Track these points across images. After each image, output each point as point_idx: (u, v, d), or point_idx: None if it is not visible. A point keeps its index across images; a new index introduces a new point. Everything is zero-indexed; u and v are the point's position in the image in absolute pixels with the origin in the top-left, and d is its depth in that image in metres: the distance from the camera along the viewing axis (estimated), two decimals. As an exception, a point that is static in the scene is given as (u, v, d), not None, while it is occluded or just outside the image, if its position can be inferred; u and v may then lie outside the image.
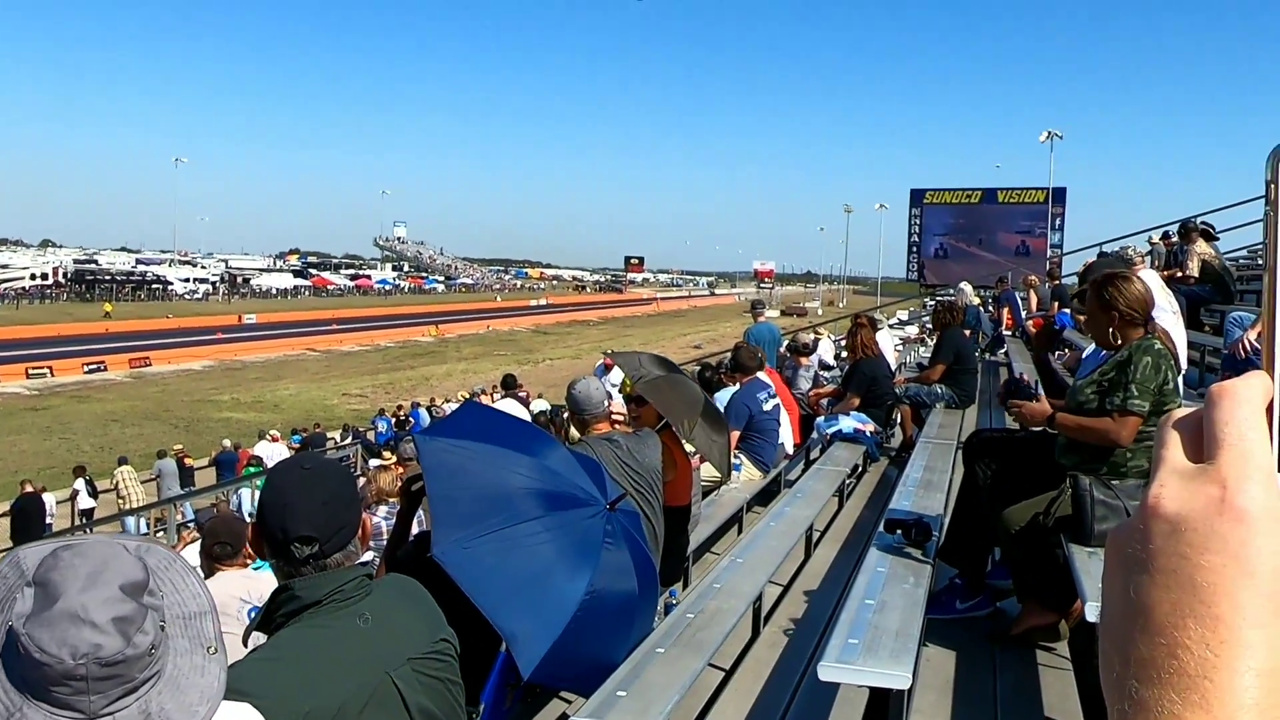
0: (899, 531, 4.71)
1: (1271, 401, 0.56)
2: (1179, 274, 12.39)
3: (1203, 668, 0.50)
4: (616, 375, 13.57)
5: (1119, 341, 4.26)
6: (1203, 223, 14.41)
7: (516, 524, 3.60)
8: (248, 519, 14.08)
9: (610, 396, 5.53)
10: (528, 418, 5.42)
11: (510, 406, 5.52)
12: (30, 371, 48.58)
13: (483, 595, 3.34)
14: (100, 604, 1.41)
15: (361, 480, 9.81)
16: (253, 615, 3.60)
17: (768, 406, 8.52)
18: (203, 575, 1.80)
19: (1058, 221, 58.56)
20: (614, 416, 5.52)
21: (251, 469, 22.64)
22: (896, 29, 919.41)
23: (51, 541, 1.55)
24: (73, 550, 1.48)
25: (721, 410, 9.01)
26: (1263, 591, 0.50)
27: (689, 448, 5.99)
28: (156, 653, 1.46)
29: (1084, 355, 5.38)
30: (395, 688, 2.23)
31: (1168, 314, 7.48)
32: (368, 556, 2.87)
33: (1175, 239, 14.88)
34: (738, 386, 9.15)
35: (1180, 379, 4.40)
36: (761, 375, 9.25)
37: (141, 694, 1.45)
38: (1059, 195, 59.17)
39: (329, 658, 2.19)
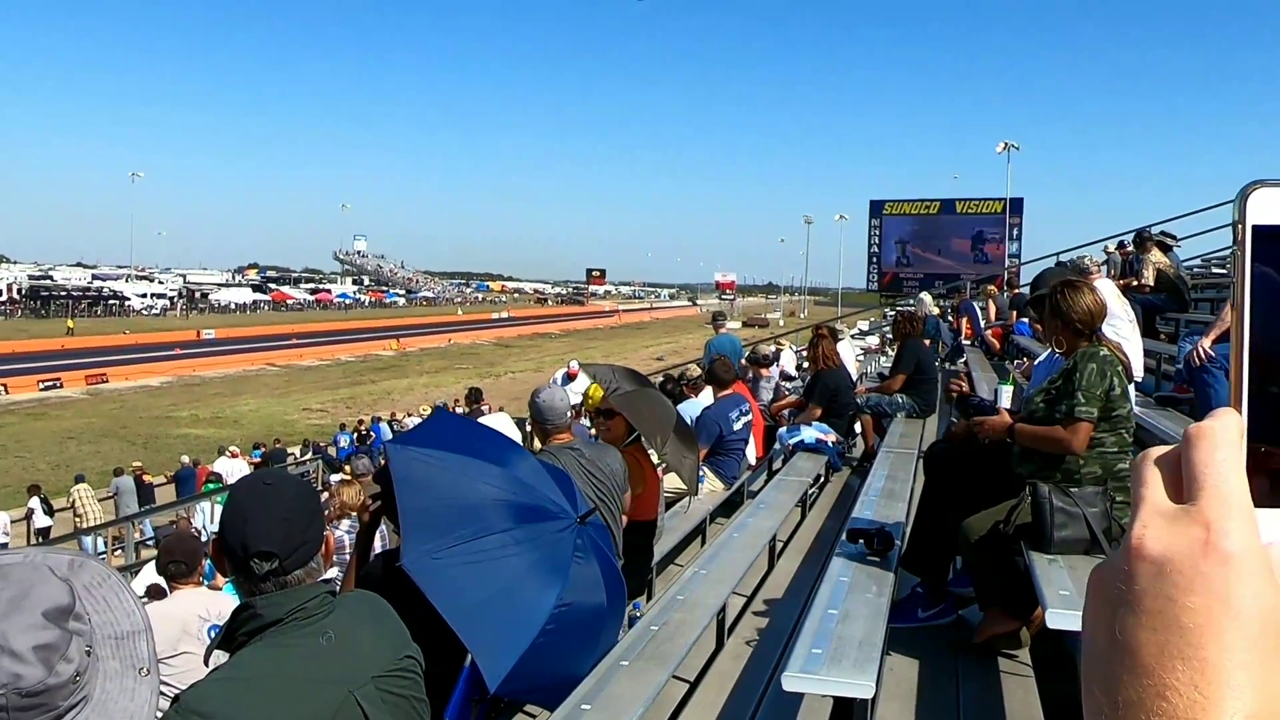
0: (861, 541, 4.73)
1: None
2: (1134, 283, 12.53)
3: (1191, 709, 0.50)
4: (580, 384, 13.55)
5: (1064, 349, 4.32)
6: (1161, 232, 14.61)
7: (486, 535, 3.60)
8: (207, 536, 13.91)
9: (574, 408, 5.54)
10: (518, 435, 5.39)
11: (502, 423, 5.49)
12: (-16, 389, 47.97)
13: (450, 607, 3.34)
14: (21, 631, 1.37)
15: (324, 495, 9.75)
16: (214, 633, 3.57)
17: (738, 425, 8.53)
18: (155, 593, 1.75)
19: (1015, 231, 59.17)
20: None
21: (211, 485, 22.43)
22: (854, 42, 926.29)
23: None
24: None
25: (690, 424, 9.05)
26: (1247, 634, 0.50)
27: (655, 459, 6.00)
28: (82, 679, 1.42)
29: (1036, 363, 5.43)
30: (359, 707, 2.21)
31: (1124, 322, 7.56)
32: (331, 573, 2.85)
33: (1131, 248, 15.05)
34: (706, 400, 9.17)
35: (1130, 386, 4.44)
36: (739, 391, 9.28)
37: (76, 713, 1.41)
38: (1016, 205, 59.80)
39: (291, 677, 2.16)
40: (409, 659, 2.44)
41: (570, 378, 18.93)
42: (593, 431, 7.62)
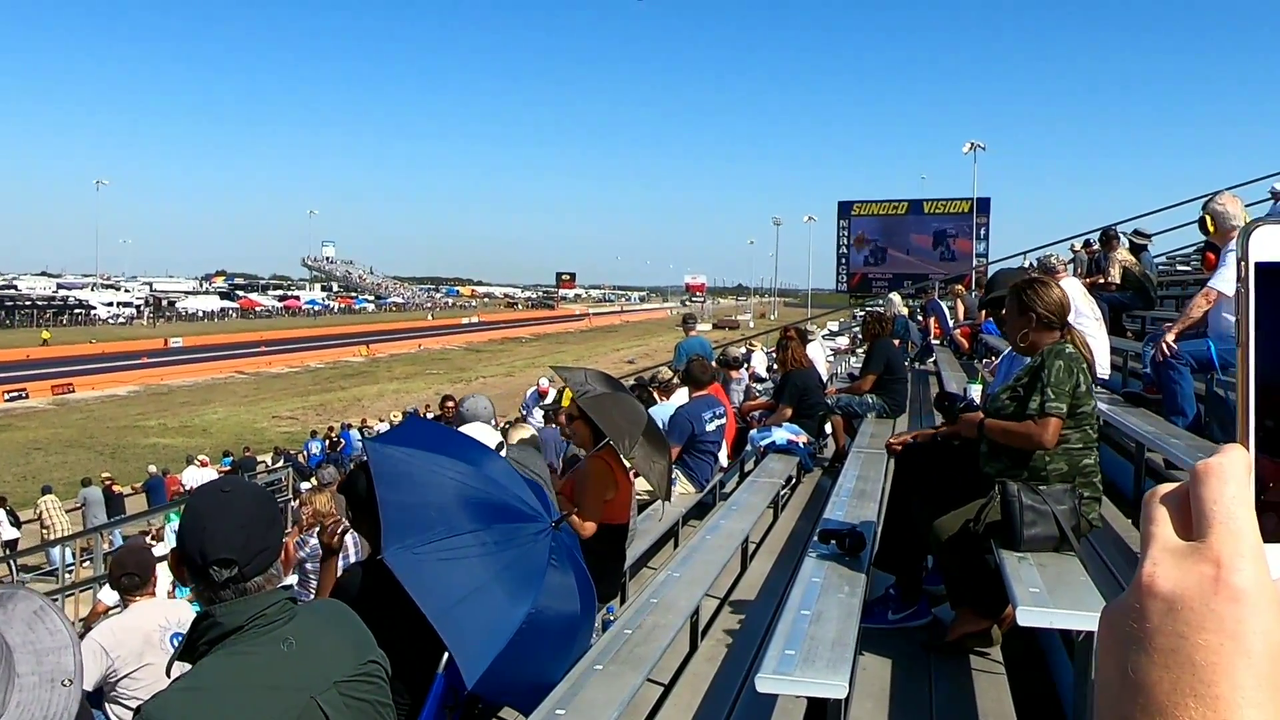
0: (833, 541, 4.75)
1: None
2: (1101, 280, 12.62)
3: None
4: (548, 399, 13.54)
5: (1027, 344, 4.35)
6: (1134, 230, 14.75)
7: (464, 533, 3.63)
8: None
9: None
10: (495, 440, 5.42)
11: (480, 430, 5.49)
12: (-52, 401, 47.46)
13: (429, 603, 3.38)
14: None
15: (296, 503, 9.71)
16: (176, 641, 3.54)
17: (711, 427, 8.52)
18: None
19: (982, 231, 59.45)
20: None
21: (180, 498, 22.28)
22: (821, 45, 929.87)
23: None
24: None
25: (662, 426, 9.03)
26: (1258, 671, 0.51)
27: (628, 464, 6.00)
28: (4, 700, 1.44)
29: (999, 360, 5.46)
30: (321, 711, 2.21)
31: (1090, 320, 7.63)
32: (291, 579, 2.85)
33: (1096, 246, 15.17)
34: (679, 402, 9.17)
35: (1092, 382, 4.48)
36: (713, 393, 9.28)
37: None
38: (983, 205, 60.09)
39: (251, 684, 2.16)
40: (372, 663, 2.44)
41: (541, 396, 18.93)
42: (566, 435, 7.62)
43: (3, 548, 21.10)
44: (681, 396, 9.83)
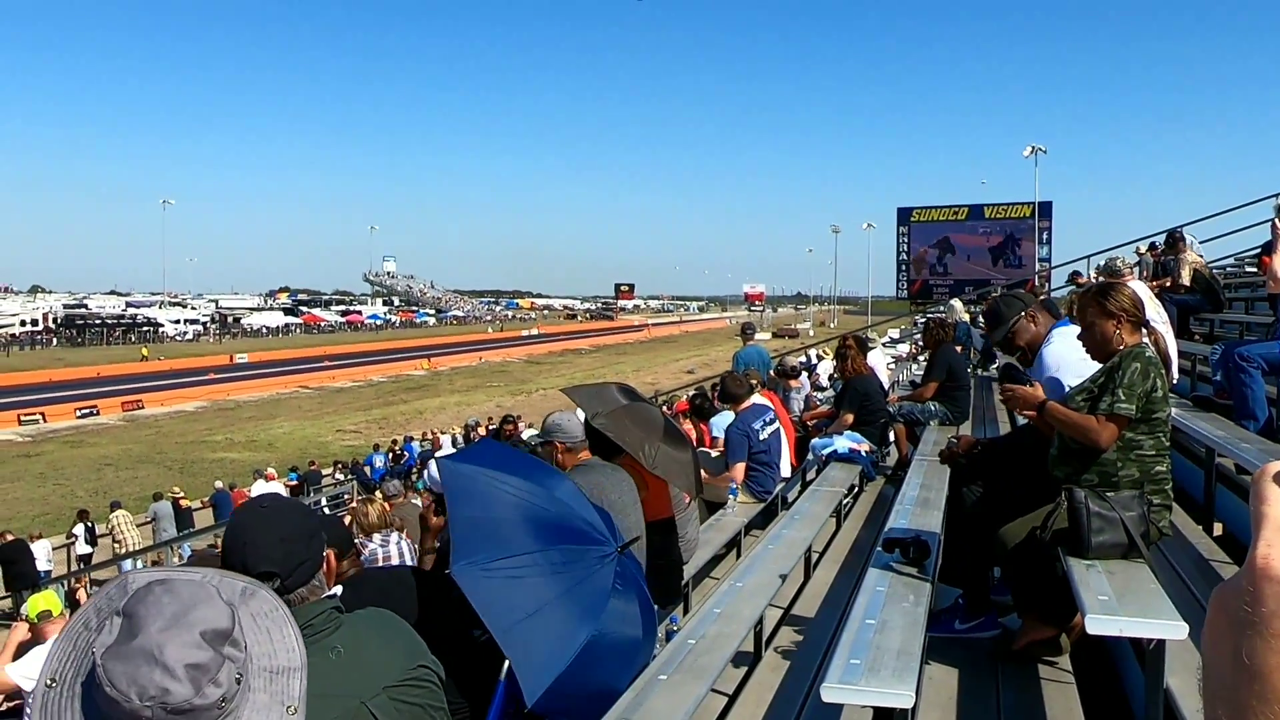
0: (897, 550, 4.71)
1: None
2: (1169, 283, 12.45)
3: None
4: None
5: (1119, 346, 4.26)
6: (1190, 235, 14.53)
7: (531, 552, 3.68)
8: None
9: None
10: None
11: None
12: (23, 418, 48.48)
13: (494, 619, 3.43)
14: (178, 647, 1.39)
15: (346, 517, 9.82)
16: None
17: (765, 435, 8.51)
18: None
19: (1044, 235, 58.84)
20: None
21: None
22: (880, 50, 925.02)
23: (158, 572, 1.54)
24: (165, 586, 1.46)
25: (721, 436, 9.03)
26: None
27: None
28: (227, 706, 1.43)
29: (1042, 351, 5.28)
30: (371, 715, 2.24)
31: (1159, 324, 7.52)
32: (336, 590, 2.88)
33: (1162, 249, 14.95)
34: (730, 414, 9.16)
35: (1169, 388, 4.40)
36: (759, 399, 9.26)
37: None
38: (1045, 209, 59.46)
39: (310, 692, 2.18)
40: (423, 668, 2.46)
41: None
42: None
43: (78, 561, 21.50)
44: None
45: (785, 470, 9.16)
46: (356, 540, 7.96)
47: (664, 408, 12.88)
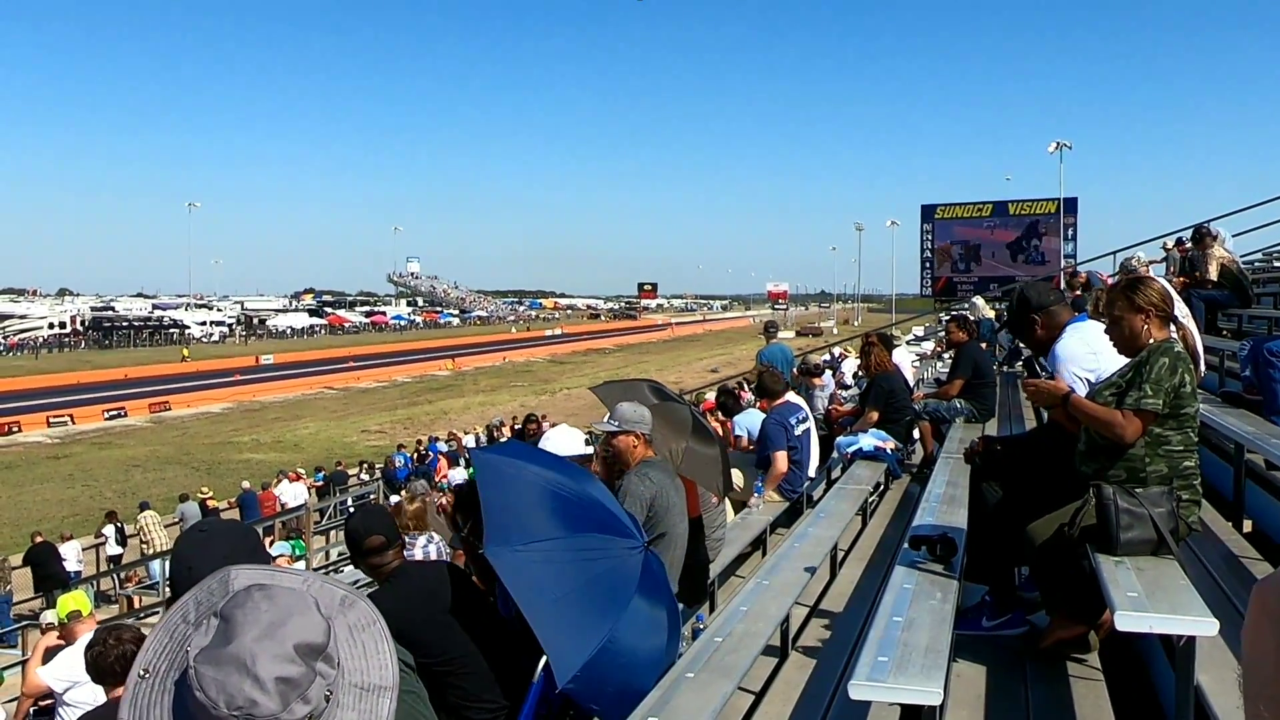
0: (924, 548, 4.69)
1: None
2: (1197, 276, 12.36)
3: None
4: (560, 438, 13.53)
5: (1148, 341, 4.23)
6: (1216, 230, 14.40)
7: (560, 538, 3.75)
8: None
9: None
10: (583, 448, 5.48)
11: (566, 436, 5.59)
12: (51, 420, 48.89)
13: (527, 600, 3.49)
14: (270, 659, 1.37)
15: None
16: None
17: (799, 430, 8.54)
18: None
19: (1070, 231, 58.46)
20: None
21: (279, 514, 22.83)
22: (902, 46, 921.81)
23: (261, 572, 1.53)
24: (265, 591, 1.45)
25: (748, 435, 9.04)
26: None
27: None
28: None
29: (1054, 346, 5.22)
30: None
31: (1183, 319, 7.46)
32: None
33: (1189, 245, 14.83)
34: (760, 410, 9.16)
35: (1197, 383, 4.37)
36: (792, 398, 9.27)
37: None
38: (1070, 205, 59.07)
39: None
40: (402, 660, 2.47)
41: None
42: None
43: (108, 562, 21.67)
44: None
45: (812, 470, 9.16)
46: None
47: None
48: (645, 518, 4.88)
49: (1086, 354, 4.66)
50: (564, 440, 5.49)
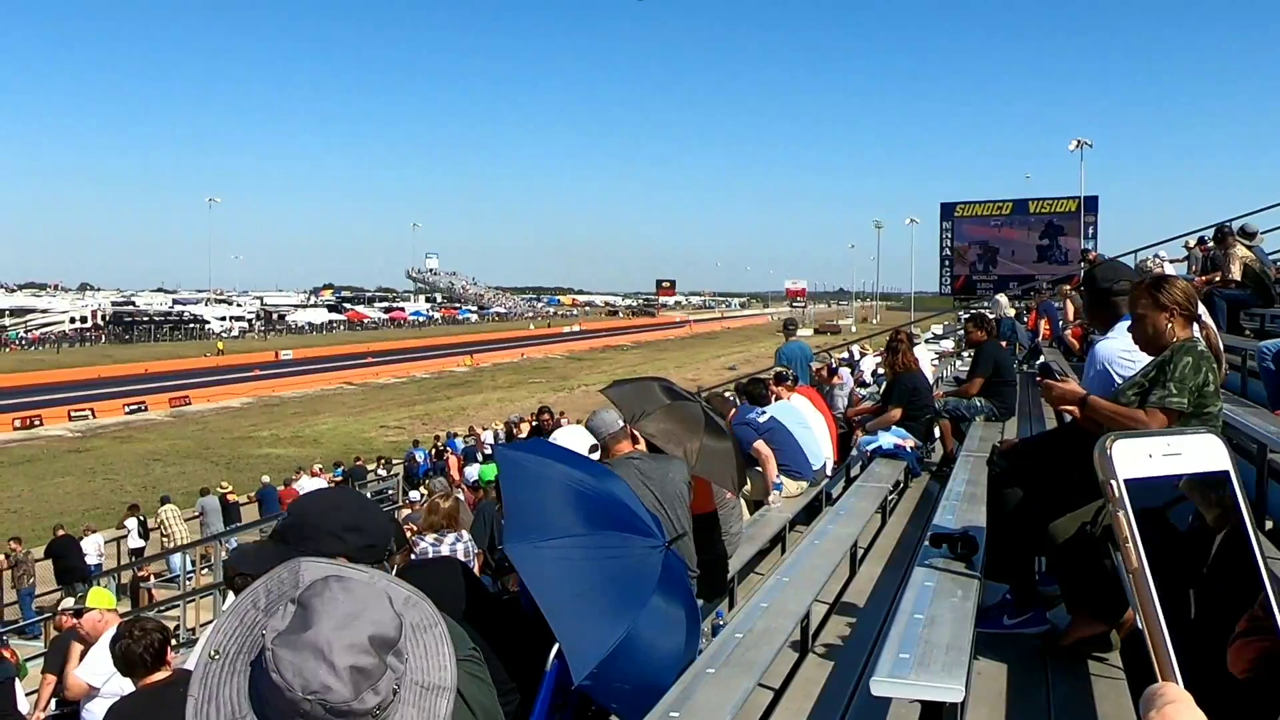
0: (945, 546, 4.69)
1: None
2: (1218, 278, 12.30)
3: None
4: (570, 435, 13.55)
5: (1172, 339, 4.22)
6: (1240, 228, 14.30)
7: (582, 535, 3.75)
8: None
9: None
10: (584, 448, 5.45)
11: (577, 434, 5.57)
12: (72, 414, 49.22)
13: (544, 595, 3.51)
14: (345, 648, 1.41)
15: (405, 511, 9.94)
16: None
17: (763, 420, 8.59)
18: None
19: (1090, 230, 58.15)
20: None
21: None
22: (922, 43, 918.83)
23: (331, 566, 1.57)
24: (342, 583, 1.49)
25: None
26: None
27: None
28: (381, 715, 1.45)
29: (1093, 350, 5.22)
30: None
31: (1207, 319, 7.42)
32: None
33: (1211, 244, 14.75)
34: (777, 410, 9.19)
35: (1220, 382, 4.35)
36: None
37: None
38: (1091, 204, 58.76)
39: None
40: (475, 649, 2.48)
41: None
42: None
43: (130, 555, 21.79)
44: (799, 400, 9.78)
45: (828, 467, 9.15)
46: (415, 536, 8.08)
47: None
48: None
49: (1123, 355, 4.63)
50: (572, 439, 5.48)
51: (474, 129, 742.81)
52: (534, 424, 25.50)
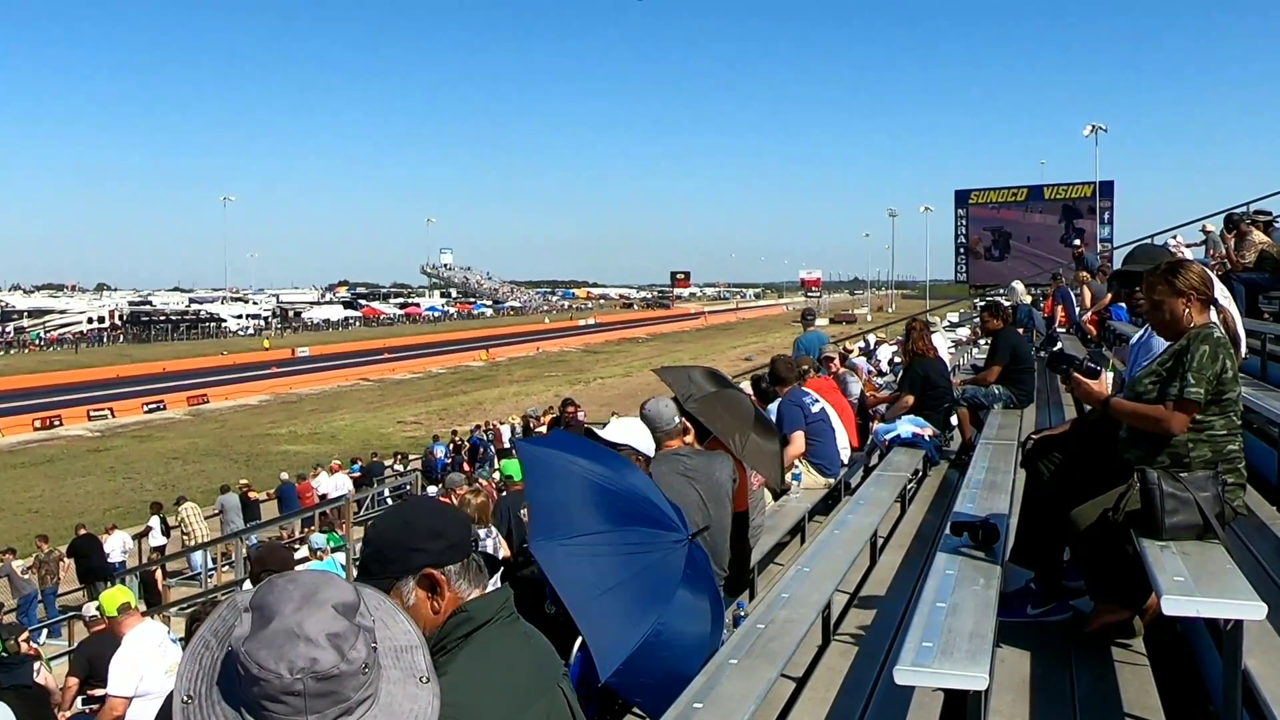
0: (966, 534, 4.69)
1: None
2: (1234, 259, 12.24)
3: None
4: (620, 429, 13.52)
5: (1177, 326, 4.21)
6: (1256, 210, 14.20)
7: (607, 532, 3.74)
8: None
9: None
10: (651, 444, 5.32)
11: (634, 428, 5.40)
12: (92, 413, 49.49)
13: (570, 592, 3.51)
14: (315, 621, 1.45)
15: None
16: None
17: (815, 409, 8.57)
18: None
19: (1106, 215, 58.00)
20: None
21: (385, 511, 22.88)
22: (933, 32, 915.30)
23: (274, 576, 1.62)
24: (286, 578, 1.54)
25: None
26: None
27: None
28: (369, 674, 1.49)
29: (1131, 343, 5.27)
30: (563, 695, 2.29)
31: (1224, 300, 7.38)
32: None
33: (1224, 230, 14.63)
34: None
35: (1238, 367, 4.33)
36: (808, 388, 9.28)
37: (357, 716, 1.48)
38: (1106, 189, 58.59)
39: (518, 670, 2.22)
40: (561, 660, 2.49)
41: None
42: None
43: (152, 553, 21.92)
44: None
45: (846, 455, 9.14)
46: None
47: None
48: None
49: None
50: (629, 433, 5.23)
51: (487, 123, 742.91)
52: (554, 417, 25.55)
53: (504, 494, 11.04)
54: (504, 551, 8.14)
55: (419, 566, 2.18)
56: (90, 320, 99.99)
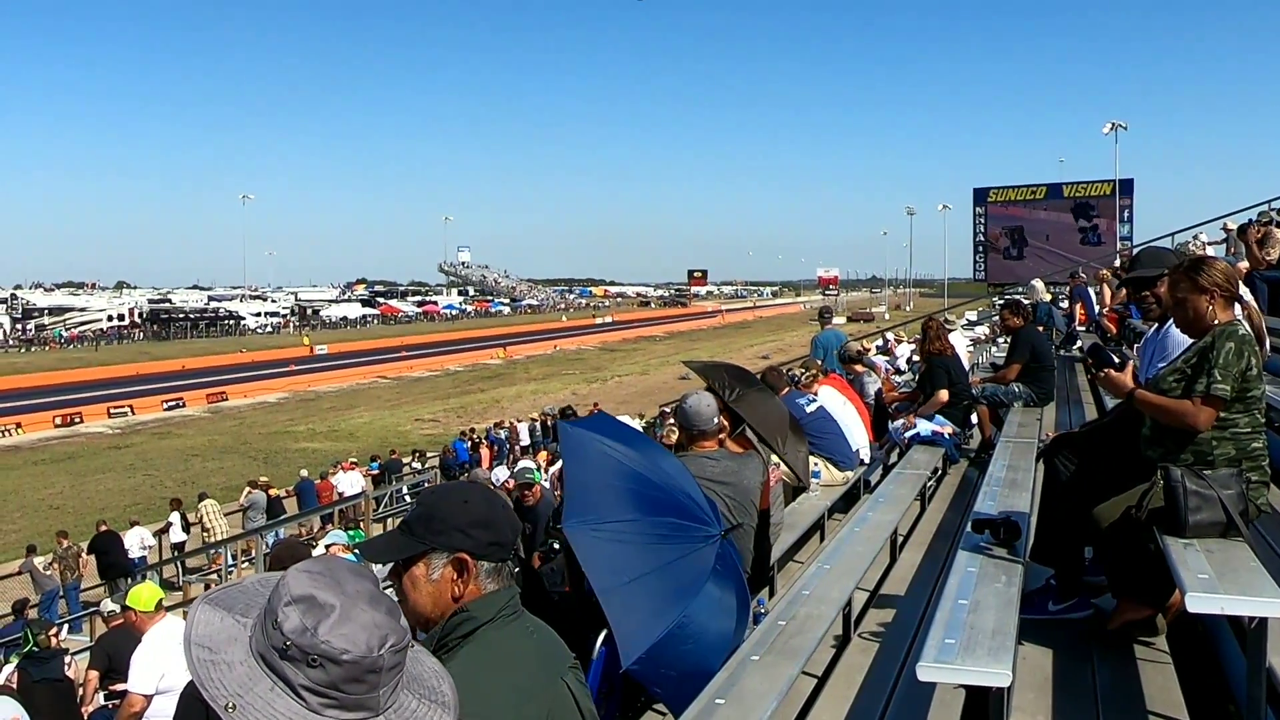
0: (987, 531, 4.68)
1: None
2: (1246, 265, 12.20)
3: None
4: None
5: (1213, 322, 4.19)
6: (1277, 210, 14.14)
7: (639, 519, 3.74)
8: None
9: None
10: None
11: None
12: (112, 411, 49.75)
13: (598, 576, 3.54)
14: (367, 602, 1.48)
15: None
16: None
17: (810, 409, 8.57)
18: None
19: (1126, 213, 57.69)
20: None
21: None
22: (954, 29, 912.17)
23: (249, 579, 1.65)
24: (304, 568, 1.54)
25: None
26: None
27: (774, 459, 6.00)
28: (401, 675, 1.54)
29: (1145, 339, 5.24)
30: (568, 689, 2.28)
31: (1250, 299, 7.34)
32: None
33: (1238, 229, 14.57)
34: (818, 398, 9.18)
35: (1263, 365, 4.31)
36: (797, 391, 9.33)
37: (402, 685, 1.52)
38: (1126, 187, 58.25)
39: (519, 665, 2.22)
40: (576, 660, 2.49)
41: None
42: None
43: (172, 550, 22.03)
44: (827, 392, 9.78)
45: (865, 454, 9.13)
46: None
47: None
48: None
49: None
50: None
51: (505, 122, 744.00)
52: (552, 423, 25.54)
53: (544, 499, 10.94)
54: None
55: (459, 548, 2.21)
56: (110, 318, 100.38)
